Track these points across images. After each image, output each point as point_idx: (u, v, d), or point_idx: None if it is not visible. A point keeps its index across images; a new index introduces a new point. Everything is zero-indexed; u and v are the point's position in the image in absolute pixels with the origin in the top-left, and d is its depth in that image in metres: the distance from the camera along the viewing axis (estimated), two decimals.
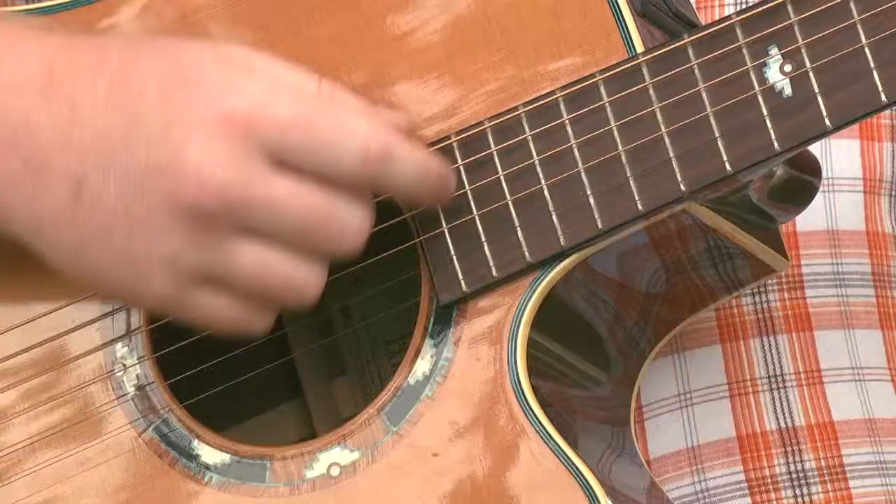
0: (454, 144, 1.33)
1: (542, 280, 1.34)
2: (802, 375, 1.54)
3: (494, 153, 1.33)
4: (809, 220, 1.54)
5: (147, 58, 1.32)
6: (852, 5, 1.28)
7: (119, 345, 1.39)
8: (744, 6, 1.47)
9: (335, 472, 1.32)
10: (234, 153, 1.26)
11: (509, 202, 1.32)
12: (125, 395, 1.37)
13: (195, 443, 1.36)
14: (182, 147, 1.26)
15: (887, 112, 1.54)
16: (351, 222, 1.26)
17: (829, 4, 1.30)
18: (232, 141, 1.26)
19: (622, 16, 1.33)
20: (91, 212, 1.29)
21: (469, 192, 1.33)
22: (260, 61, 1.30)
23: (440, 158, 1.31)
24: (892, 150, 1.61)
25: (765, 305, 1.55)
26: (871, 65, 1.28)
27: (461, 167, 1.33)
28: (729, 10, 1.53)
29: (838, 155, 1.56)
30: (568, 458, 1.30)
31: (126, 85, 1.31)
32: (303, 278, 1.28)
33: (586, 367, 1.46)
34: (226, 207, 1.25)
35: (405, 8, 1.39)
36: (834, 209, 1.59)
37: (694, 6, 1.52)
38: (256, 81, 1.30)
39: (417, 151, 1.29)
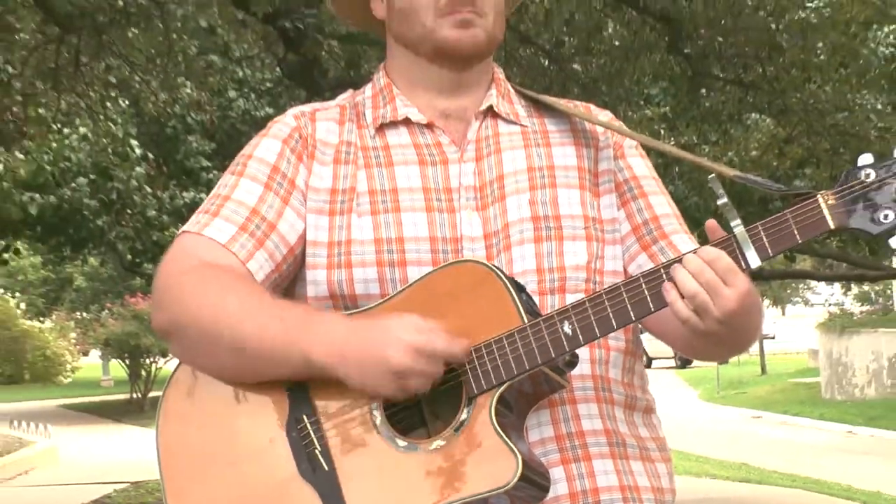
0: (471, 351, 1.83)
1: (499, 389, 1.83)
2: (573, 417, 1.98)
3: (474, 359, 1.85)
4: (576, 371, 1.94)
5: (373, 327, 1.84)
6: (589, 311, 1.82)
7: (375, 410, 1.86)
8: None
9: (438, 448, 1.82)
10: (404, 354, 1.78)
11: (489, 369, 1.83)
12: (376, 425, 1.86)
13: (397, 439, 1.84)
14: (388, 352, 1.79)
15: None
16: (435, 375, 1.81)
17: (584, 309, 1.83)
18: (403, 351, 1.79)
19: (521, 311, 1.84)
20: (366, 373, 1.81)
21: (481, 373, 1.84)
22: (406, 321, 1.82)
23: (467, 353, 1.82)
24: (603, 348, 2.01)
25: (559, 396, 1.96)
26: (594, 325, 1.83)
27: (474, 358, 1.85)
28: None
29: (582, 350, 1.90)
30: (507, 441, 1.78)
31: (365, 338, 1.83)
32: (425, 387, 1.81)
33: (513, 413, 1.87)
34: (403, 371, 1.79)
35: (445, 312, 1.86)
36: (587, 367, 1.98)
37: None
38: (406, 332, 1.80)
39: (462, 349, 1.82)
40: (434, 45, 1.99)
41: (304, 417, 1.88)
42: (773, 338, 46.57)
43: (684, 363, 40.17)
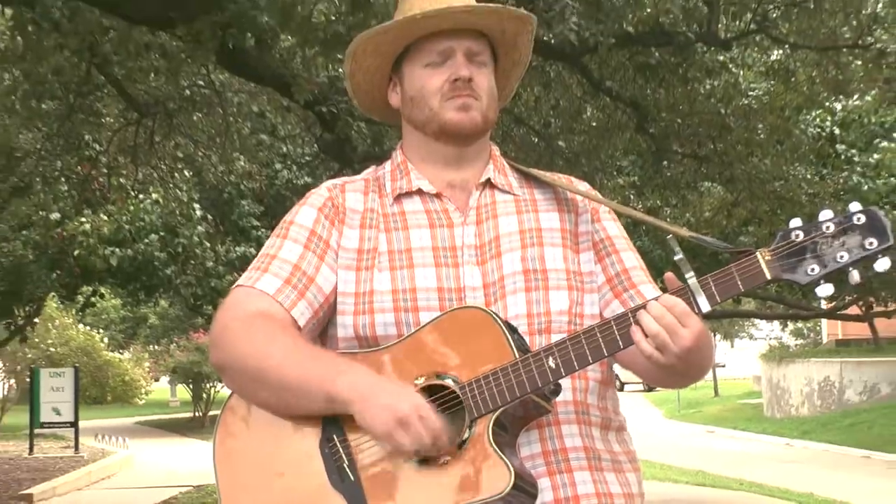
0: (465, 387, 1.81)
1: (495, 413, 1.79)
2: (558, 436, 1.94)
3: (465, 391, 1.81)
4: (560, 398, 1.90)
5: (393, 384, 1.83)
6: (569, 348, 1.80)
7: None
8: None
9: (445, 462, 1.79)
10: (410, 408, 1.75)
11: (487, 396, 1.79)
12: None
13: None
14: (398, 403, 1.76)
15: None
16: (422, 441, 1.76)
17: (565, 346, 1.81)
18: (410, 406, 1.76)
19: (513, 348, 1.81)
20: (374, 411, 1.78)
21: (480, 400, 1.80)
22: (398, 391, 1.80)
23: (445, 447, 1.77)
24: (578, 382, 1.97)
25: (546, 419, 1.91)
26: (573, 359, 1.80)
27: (475, 387, 1.80)
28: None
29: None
30: (502, 456, 1.76)
31: (384, 387, 1.81)
32: (411, 446, 1.77)
33: (507, 433, 1.84)
34: (403, 419, 1.75)
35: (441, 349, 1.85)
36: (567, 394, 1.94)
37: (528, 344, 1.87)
38: (417, 399, 1.78)
39: (444, 442, 1.77)
40: (439, 125, 1.99)
41: (335, 436, 1.84)
42: (724, 366, 46.32)
43: (651, 387, 39.98)
